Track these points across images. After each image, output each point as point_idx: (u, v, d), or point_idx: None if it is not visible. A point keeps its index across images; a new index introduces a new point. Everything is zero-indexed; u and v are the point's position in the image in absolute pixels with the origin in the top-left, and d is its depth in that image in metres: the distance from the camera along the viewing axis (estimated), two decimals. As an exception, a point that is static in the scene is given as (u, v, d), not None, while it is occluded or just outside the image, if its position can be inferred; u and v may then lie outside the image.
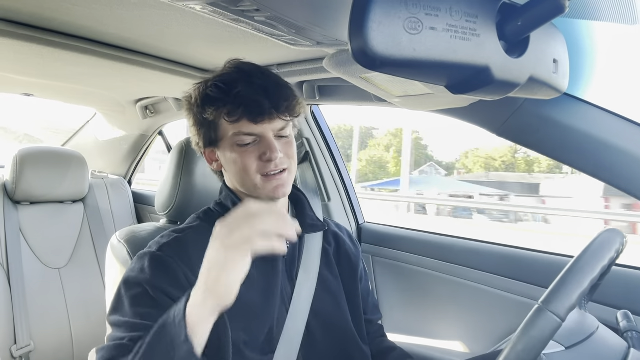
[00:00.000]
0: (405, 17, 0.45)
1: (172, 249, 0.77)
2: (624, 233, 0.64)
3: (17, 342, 1.59)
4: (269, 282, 0.83)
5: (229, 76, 0.80)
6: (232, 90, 0.77)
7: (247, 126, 0.78)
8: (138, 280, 0.74)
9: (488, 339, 1.23)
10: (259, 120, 0.77)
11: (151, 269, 0.74)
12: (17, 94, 1.84)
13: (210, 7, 0.64)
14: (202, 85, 0.82)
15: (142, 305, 0.71)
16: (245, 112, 0.77)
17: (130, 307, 0.72)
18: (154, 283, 0.73)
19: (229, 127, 0.79)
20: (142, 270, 0.75)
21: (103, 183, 2.14)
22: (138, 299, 0.72)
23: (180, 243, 0.79)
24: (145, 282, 0.73)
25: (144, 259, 0.77)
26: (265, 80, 0.80)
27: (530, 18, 0.51)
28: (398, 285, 1.47)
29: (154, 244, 0.80)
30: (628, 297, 0.96)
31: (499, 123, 0.90)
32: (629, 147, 0.77)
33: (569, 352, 0.63)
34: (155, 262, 0.75)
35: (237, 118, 0.77)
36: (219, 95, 0.78)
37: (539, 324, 0.52)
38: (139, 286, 0.73)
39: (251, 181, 0.81)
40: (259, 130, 0.78)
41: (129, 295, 0.73)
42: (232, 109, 0.77)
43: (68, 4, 0.83)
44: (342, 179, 1.64)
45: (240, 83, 0.78)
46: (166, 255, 0.76)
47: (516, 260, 1.18)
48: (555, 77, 0.65)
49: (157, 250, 0.77)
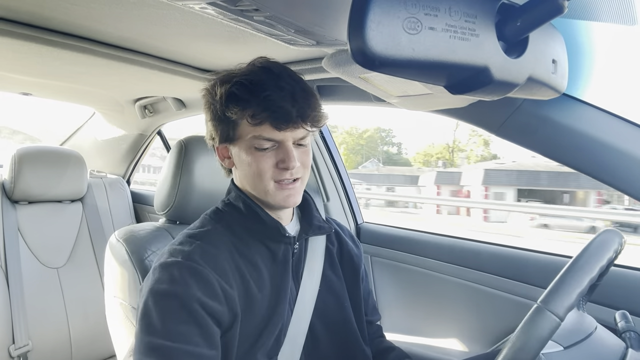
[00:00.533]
0: (405, 17, 0.45)
1: (201, 257, 0.73)
2: (622, 234, 0.64)
3: (15, 342, 1.59)
4: (280, 285, 0.82)
5: (257, 76, 0.77)
6: (259, 93, 0.74)
7: (268, 131, 0.75)
8: (171, 292, 0.69)
9: (486, 338, 1.23)
10: (282, 128, 0.75)
11: (184, 279, 0.70)
12: (15, 92, 1.83)
13: (209, 6, 0.64)
14: (225, 80, 0.78)
15: (176, 321, 0.68)
16: (270, 118, 0.74)
17: (162, 323, 0.67)
18: (190, 293, 0.69)
19: (250, 129, 0.76)
20: (174, 281, 0.70)
21: (101, 182, 2.14)
22: (171, 314, 0.68)
23: (206, 250, 0.75)
24: (180, 294, 0.69)
25: (171, 268, 0.72)
26: (294, 86, 0.77)
27: (529, 18, 0.51)
28: (397, 285, 1.47)
29: (177, 253, 0.74)
30: (626, 297, 0.96)
31: (498, 123, 0.90)
32: (628, 147, 0.77)
33: (567, 352, 0.63)
34: (187, 272, 0.71)
35: (260, 121, 0.75)
36: (245, 96, 0.75)
37: (538, 324, 0.52)
38: (172, 298, 0.69)
39: (264, 187, 0.79)
40: (280, 137, 0.76)
41: (160, 310, 0.68)
42: (257, 111, 0.74)
43: (67, 3, 0.83)
44: (341, 179, 1.64)
45: (269, 86, 0.74)
46: (196, 264, 0.72)
47: (515, 261, 1.18)
48: (554, 78, 0.65)
49: (186, 260, 0.72)
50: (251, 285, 0.77)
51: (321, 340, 0.85)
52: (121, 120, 2.13)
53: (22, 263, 1.69)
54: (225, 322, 0.72)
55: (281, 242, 0.84)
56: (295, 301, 0.84)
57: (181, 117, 1.96)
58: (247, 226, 0.82)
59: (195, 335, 0.68)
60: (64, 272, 1.80)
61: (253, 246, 0.81)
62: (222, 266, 0.74)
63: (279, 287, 0.81)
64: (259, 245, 0.82)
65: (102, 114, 2.19)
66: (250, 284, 0.77)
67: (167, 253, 0.76)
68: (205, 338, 0.69)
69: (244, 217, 0.82)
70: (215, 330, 0.71)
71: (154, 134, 2.22)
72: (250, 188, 0.82)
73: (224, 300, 0.72)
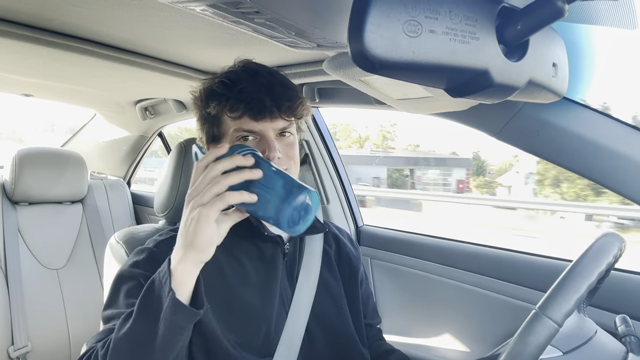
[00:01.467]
0: (405, 20, 0.45)
1: (168, 246, 0.76)
2: (622, 237, 0.63)
3: (15, 343, 1.59)
4: (267, 283, 0.82)
5: (235, 73, 0.80)
6: (235, 87, 0.77)
7: (248, 123, 0.78)
8: (132, 274, 0.75)
9: (486, 341, 1.23)
10: (259, 118, 0.77)
11: (145, 263, 0.76)
12: (16, 94, 1.84)
13: (210, 8, 0.64)
14: (209, 81, 0.83)
15: (135, 296, 0.70)
16: (247, 109, 0.77)
17: (123, 299, 0.73)
18: (148, 276, 0.71)
19: (231, 124, 0.79)
20: (137, 264, 0.76)
21: (102, 184, 2.14)
22: (131, 291, 0.73)
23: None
24: (140, 275, 0.74)
25: (139, 254, 0.79)
26: (270, 80, 0.80)
27: (529, 22, 0.51)
28: (397, 288, 1.47)
29: (151, 241, 0.82)
30: (627, 301, 0.96)
31: (498, 126, 0.90)
32: (628, 151, 0.77)
33: (566, 357, 0.63)
34: (149, 257, 0.77)
35: (239, 114, 0.77)
36: (223, 91, 0.78)
37: (536, 330, 0.52)
38: (132, 279, 0.74)
39: None
40: (260, 128, 0.78)
41: (123, 289, 0.74)
42: (234, 104, 0.77)
43: (67, 5, 0.83)
44: (341, 181, 1.64)
45: (245, 80, 0.78)
46: (161, 251, 0.76)
47: (514, 264, 1.18)
48: (555, 81, 0.65)
49: (154, 247, 0.79)
50: (229, 278, 0.80)
51: (318, 342, 0.85)
52: (122, 121, 2.14)
53: (21, 264, 1.69)
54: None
55: (268, 242, 0.85)
56: (290, 302, 0.84)
57: (182, 118, 1.97)
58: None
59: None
60: (63, 273, 1.80)
61: (238, 243, 0.83)
62: None
63: (265, 285, 0.82)
64: (246, 243, 0.84)
65: (103, 116, 2.19)
66: (228, 277, 0.80)
67: (146, 242, 0.83)
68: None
69: None
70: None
71: (154, 136, 2.22)
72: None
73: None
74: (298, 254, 0.90)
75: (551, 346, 0.63)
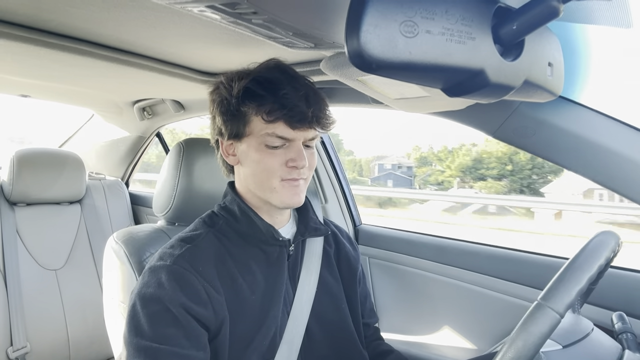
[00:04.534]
0: (401, 20, 0.45)
1: (188, 262, 0.75)
2: (618, 235, 0.64)
3: (13, 344, 1.59)
4: (274, 286, 0.82)
5: (273, 74, 0.78)
6: (277, 91, 0.75)
7: (282, 129, 0.76)
8: (157, 296, 0.71)
9: (484, 340, 1.23)
10: (297, 127, 0.76)
11: (170, 283, 0.72)
12: (14, 95, 1.83)
13: (207, 9, 0.64)
14: (242, 77, 0.79)
15: (162, 324, 0.69)
16: (286, 116, 0.75)
17: (149, 326, 0.69)
18: (175, 298, 0.70)
19: (263, 126, 0.76)
20: (160, 285, 0.72)
21: (100, 184, 2.14)
22: (157, 317, 0.70)
23: (195, 254, 0.77)
24: (165, 299, 0.70)
25: (159, 272, 0.74)
26: (308, 89, 0.78)
27: (525, 22, 0.52)
28: (395, 287, 1.47)
29: (167, 257, 0.76)
30: (623, 299, 0.96)
31: (495, 126, 0.91)
32: (624, 149, 0.78)
33: (566, 351, 0.64)
34: (173, 276, 0.72)
35: (275, 119, 0.75)
36: (262, 92, 0.76)
37: (539, 320, 0.52)
38: (157, 303, 0.70)
39: (270, 185, 0.79)
40: (293, 135, 0.77)
41: (147, 313, 0.70)
42: (273, 108, 0.75)
43: (65, 6, 0.83)
44: (339, 181, 1.65)
45: (286, 85, 0.76)
46: (183, 269, 0.73)
47: (512, 262, 1.19)
48: (550, 80, 0.65)
49: (173, 264, 0.74)
50: (243, 289, 0.78)
51: (318, 342, 0.85)
52: (120, 122, 2.13)
53: (20, 265, 1.69)
54: (212, 326, 0.73)
55: (275, 245, 0.84)
56: (292, 303, 0.84)
57: (180, 119, 1.97)
58: (241, 230, 0.83)
59: (181, 337, 0.69)
60: (62, 274, 1.80)
61: (247, 249, 0.82)
62: (209, 270, 0.75)
63: (273, 289, 0.81)
64: (253, 249, 0.83)
65: (101, 116, 2.19)
66: (242, 287, 0.78)
67: (157, 256, 0.78)
68: (191, 340, 0.70)
69: (238, 221, 0.83)
70: (201, 332, 0.72)
71: (152, 136, 2.22)
72: (255, 186, 0.81)
73: (210, 305, 0.73)
74: (300, 254, 0.90)
75: (551, 340, 0.64)
